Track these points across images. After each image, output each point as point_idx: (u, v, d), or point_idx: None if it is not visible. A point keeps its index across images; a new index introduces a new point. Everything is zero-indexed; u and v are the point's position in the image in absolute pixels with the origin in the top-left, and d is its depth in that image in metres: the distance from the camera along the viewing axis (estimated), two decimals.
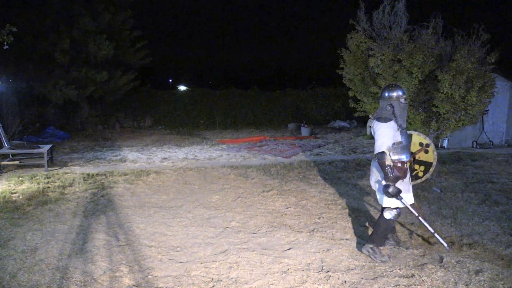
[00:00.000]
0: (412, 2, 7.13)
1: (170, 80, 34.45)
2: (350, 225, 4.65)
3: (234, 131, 14.61)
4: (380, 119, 3.61)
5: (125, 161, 8.60)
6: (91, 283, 3.28)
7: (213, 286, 3.26)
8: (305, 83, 19.28)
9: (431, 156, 4.02)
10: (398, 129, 3.60)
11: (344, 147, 10.69)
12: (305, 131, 13.35)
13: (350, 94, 7.33)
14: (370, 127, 12.52)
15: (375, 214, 5.02)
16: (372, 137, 11.81)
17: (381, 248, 3.83)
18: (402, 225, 4.66)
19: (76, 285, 3.25)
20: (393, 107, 3.63)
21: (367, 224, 4.70)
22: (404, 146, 3.69)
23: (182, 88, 20.60)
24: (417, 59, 5.93)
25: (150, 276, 3.41)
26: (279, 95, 17.62)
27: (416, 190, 6.09)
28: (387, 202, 3.68)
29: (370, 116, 9.57)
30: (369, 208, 5.28)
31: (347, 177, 7.05)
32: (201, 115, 16.26)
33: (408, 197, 3.72)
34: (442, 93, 5.97)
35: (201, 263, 3.67)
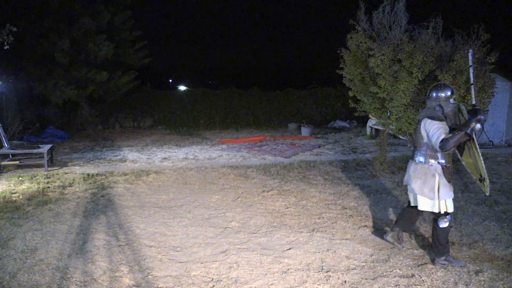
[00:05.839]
0: (412, 2, 7.12)
1: (170, 80, 34.45)
2: (350, 225, 4.65)
3: (234, 131, 14.60)
4: (434, 118, 3.41)
5: (125, 161, 8.60)
6: (91, 283, 3.28)
7: (213, 286, 3.26)
8: (305, 83, 19.23)
9: None
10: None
11: (344, 147, 10.69)
12: (305, 131, 13.34)
13: (350, 94, 7.32)
14: (371, 127, 12.56)
15: (375, 214, 5.02)
16: (372, 137, 11.86)
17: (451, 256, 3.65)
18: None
19: (76, 285, 3.26)
20: (442, 108, 3.46)
21: (366, 224, 4.70)
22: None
23: (182, 88, 20.60)
24: (417, 59, 5.92)
25: (150, 276, 3.41)
26: (279, 95, 17.60)
27: None
28: (428, 205, 3.53)
29: (370, 116, 9.57)
30: (369, 208, 5.28)
31: (347, 177, 7.05)
32: (201, 115, 16.26)
33: (451, 203, 3.53)
34: None
35: (201, 263, 3.67)
